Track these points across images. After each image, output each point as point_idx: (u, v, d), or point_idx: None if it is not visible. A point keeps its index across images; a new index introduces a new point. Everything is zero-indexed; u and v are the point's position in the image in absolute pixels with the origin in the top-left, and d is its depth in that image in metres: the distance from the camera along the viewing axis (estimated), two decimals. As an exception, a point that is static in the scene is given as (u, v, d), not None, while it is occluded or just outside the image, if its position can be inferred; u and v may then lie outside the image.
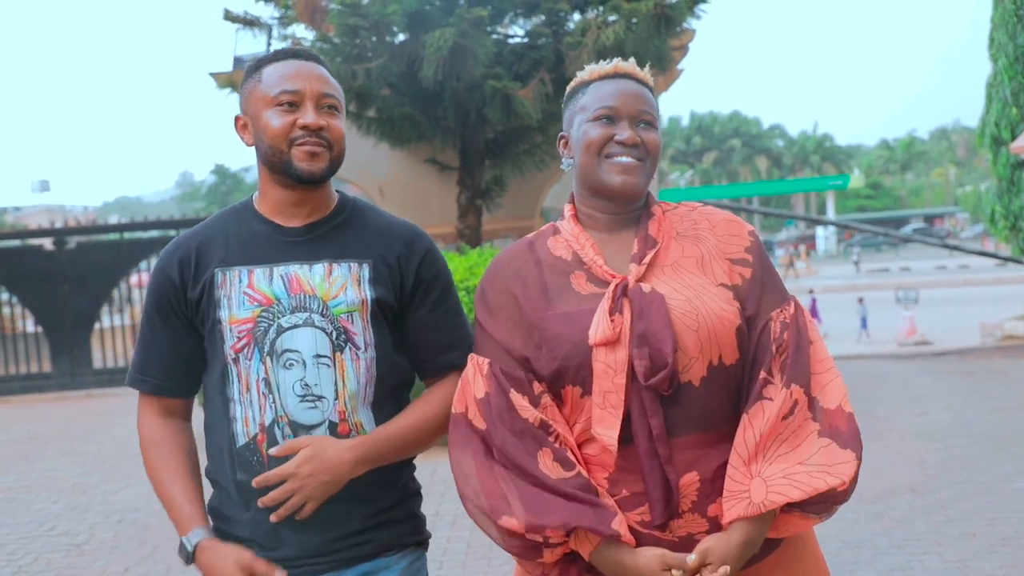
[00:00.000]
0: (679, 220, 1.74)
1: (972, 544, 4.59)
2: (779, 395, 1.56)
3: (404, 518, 1.82)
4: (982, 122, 14.32)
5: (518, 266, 1.72)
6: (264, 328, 1.68)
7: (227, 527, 1.73)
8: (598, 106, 1.68)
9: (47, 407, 11.85)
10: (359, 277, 1.73)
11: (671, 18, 8.68)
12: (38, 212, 59.05)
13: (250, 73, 1.77)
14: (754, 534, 1.54)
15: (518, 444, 1.58)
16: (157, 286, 1.76)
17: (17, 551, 5.38)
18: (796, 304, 1.67)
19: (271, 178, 1.75)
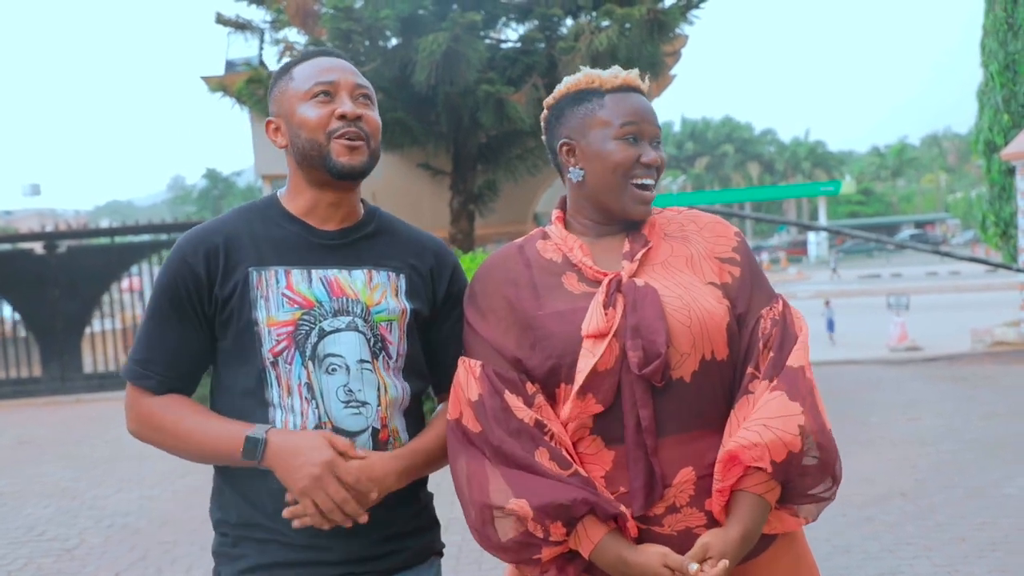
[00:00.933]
0: (667, 223, 1.78)
1: (962, 548, 4.60)
2: (760, 387, 1.60)
3: (430, 525, 1.82)
4: (976, 128, 14.41)
5: (509, 268, 1.73)
6: (306, 331, 1.64)
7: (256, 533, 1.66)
8: (624, 122, 1.66)
9: (37, 412, 11.80)
10: (397, 287, 1.73)
11: (664, 23, 8.70)
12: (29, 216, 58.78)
13: (280, 75, 1.74)
14: (751, 527, 1.55)
15: (516, 444, 1.58)
16: (175, 277, 1.66)
17: (7, 556, 5.35)
18: (784, 302, 1.71)
19: (307, 177, 1.71)
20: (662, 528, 1.58)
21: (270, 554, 1.65)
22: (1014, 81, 13.56)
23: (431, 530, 1.82)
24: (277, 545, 1.65)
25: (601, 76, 1.71)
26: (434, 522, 1.84)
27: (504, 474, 1.58)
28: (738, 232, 1.77)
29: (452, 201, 10.45)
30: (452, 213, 10.43)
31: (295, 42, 9.63)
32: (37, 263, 13.13)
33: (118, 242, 13.79)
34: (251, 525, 1.67)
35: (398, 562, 1.72)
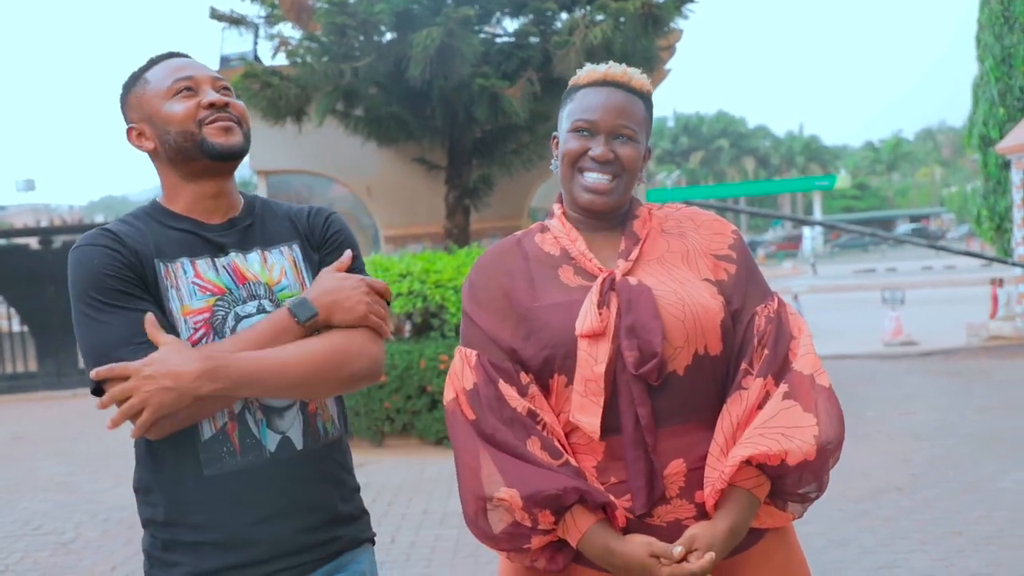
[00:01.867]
0: (665, 219, 1.80)
1: (957, 542, 4.62)
2: (754, 384, 1.61)
3: (360, 513, 1.82)
4: (969, 122, 14.43)
5: (506, 260, 1.76)
6: (222, 316, 1.64)
7: (187, 536, 1.64)
8: (577, 117, 1.71)
9: (33, 407, 11.79)
10: (293, 259, 1.75)
11: (658, 18, 8.69)
12: (23, 211, 58.57)
13: (131, 83, 1.73)
14: (739, 521, 1.57)
15: (508, 432, 1.60)
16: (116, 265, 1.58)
17: (4, 549, 5.35)
18: (779, 300, 1.72)
19: (184, 172, 1.70)
20: (652, 519, 1.60)
21: (205, 559, 1.63)
22: (1009, 75, 13.58)
23: (361, 518, 1.81)
24: (209, 547, 1.63)
25: (587, 72, 1.74)
26: (364, 511, 1.83)
27: (496, 461, 1.59)
28: (735, 230, 1.78)
29: (447, 196, 10.44)
30: (447, 208, 10.42)
31: (290, 37, 9.59)
32: (32, 258, 13.11)
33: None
34: (178, 524, 1.64)
35: (331, 551, 1.71)
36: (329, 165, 12.42)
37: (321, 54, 9.04)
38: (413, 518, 5.50)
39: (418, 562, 4.71)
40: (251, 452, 1.63)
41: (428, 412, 7.26)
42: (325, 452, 1.73)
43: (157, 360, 1.50)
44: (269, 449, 1.65)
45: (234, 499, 1.62)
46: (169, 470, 1.64)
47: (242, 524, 1.63)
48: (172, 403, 1.50)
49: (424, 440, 7.40)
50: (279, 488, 1.65)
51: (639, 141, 1.71)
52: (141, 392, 1.48)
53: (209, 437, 1.61)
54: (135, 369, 1.49)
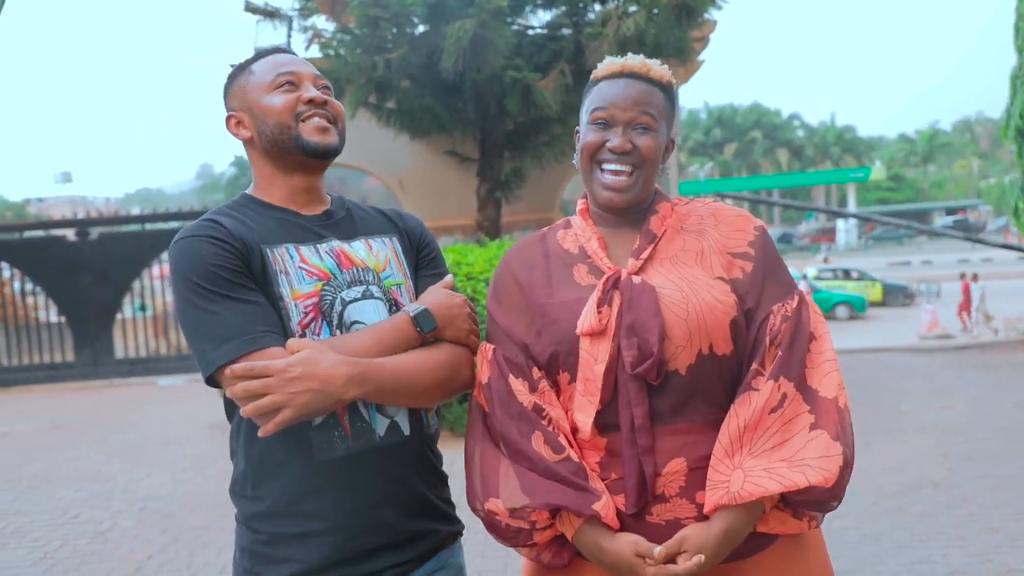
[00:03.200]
0: (687, 215, 1.75)
1: (995, 538, 4.56)
2: (765, 386, 1.56)
3: (452, 506, 1.84)
4: (1006, 113, 14.17)
5: (527, 256, 1.77)
6: (330, 301, 1.66)
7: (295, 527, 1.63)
8: (594, 107, 1.69)
9: (70, 396, 11.98)
10: (395, 250, 1.79)
11: (692, 8, 8.63)
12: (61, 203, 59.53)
13: (237, 73, 1.77)
14: (735, 526, 1.54)
15: (513, 426, 1.63)
16: (224, 255, 1.59)
17: (42, 538, 5.44)
18: (801, 298, 1.65)
19: (277, 165, 1.73)
20: (651, 516, 1.59)
21: (314, 552, 1.63)
22: (1050, 65, 13.32)
23: (454, 512, 1.83)
24: (318, 537, 1.63)
25: (605, 65, 1.73)
26: (453, 503, 1.85)
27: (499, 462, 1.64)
28: (759, 226, 1.73)
29: (479, 188, 10.45)
30: (479, 200, 10.44)
31: (323, 29, 9.64)
32: (69, 250, 13.31)
33: (148, 229, 13.95)
34: (286, 515, 1.64)
35: (430, 546, 1.73)
36: (362, 158, 12.48)
37: (354, 46, 9.08)
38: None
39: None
40: (362, 436, 1.65)
41: (459, 404, 7.28)
42: (426, 441, 1.76)
43: (304, 361, 1.51)
44: (379, 433, 1.66)
45: (344, 484, 1.64)
46: (279, 458, 1.63)
47: (350, 510, 1.64)
48: (316, 405, 1.52)
49: (455, 432, 7.41)
50: (387, 473, 1.67)
51: (659, 131, 1.68)
52: (286, 392, 1.49)
53: (320, 422, 1.62)
54: (279, 369, 1.49)
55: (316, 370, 1.50)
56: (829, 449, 1.53)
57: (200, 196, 71.55)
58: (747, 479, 1.52)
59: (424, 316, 1.68)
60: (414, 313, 1.67)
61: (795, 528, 1.60)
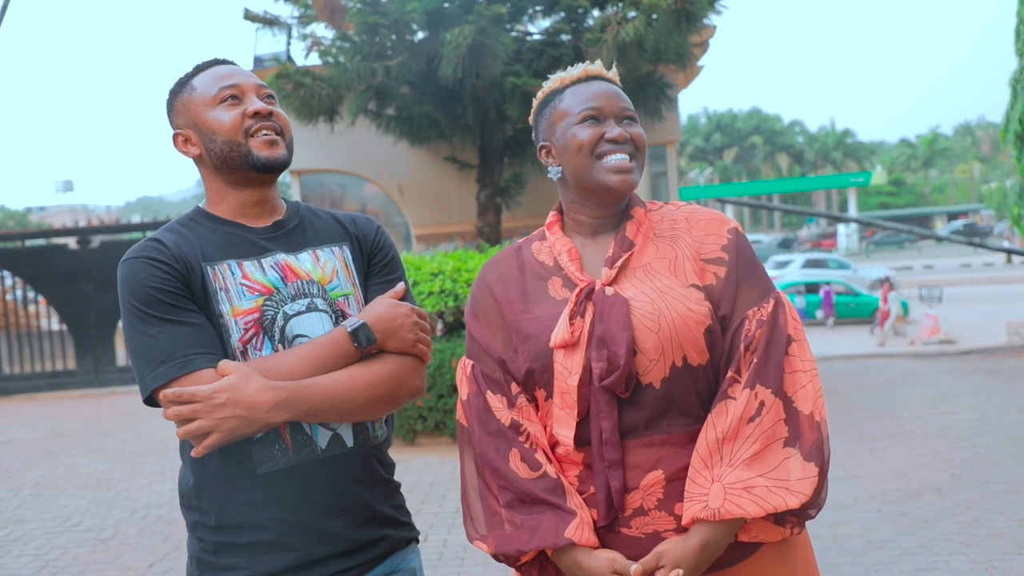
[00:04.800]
0: (660, 221, 1.73)
1: (998, 544, 4.54)
2: (742, 395, 1.54)
3: (406, 513, 1.85)
4: (1006, 118, 14.18)
5: (503, 270, 1.76)
6: (271, 316, 1.66)
7: (241, 537, 1.65)
8: (582, 108, 1.68)
9: (72, 404, 11.97)
10: (344, 260, 1.77)
11: (691, 14, 8.62)
12: (62, 212, 59.66)
13: (178, 90, 1.76)
14: (714, 538, 1.53)
15: (491, 444, 1.64)
16: (162, 277, 1.60)
17: (44, 546, 5.43)
18: (778, 301, 1.62)
19: (229, 180, 1.73)
20: (630, 530, 1.58)
21: (261, 561, 1.64)
22: (1050, 69, 13.32)
23: (407, 518, 1.84)
24: (264, 548, 1.64)
25: (561, 75, 1.74)
26: (407, 510, 1.86)
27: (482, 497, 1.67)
28: (733, 228, 1.69)
29: (479, 194, 10.44)
30: (479, 206, 10.43)
31: (322, 37, 9.65)
32: (71, 258, 13.32)
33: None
34: (231, 527, 1.65)
35: (382, 550, 1.74)
36: (361, 164, 12.48)
37: (353, 54, 9.08)
38: (446, 517, 5.51)
39: (451, 561, 4.71)
40: (303, 449, 1.65)
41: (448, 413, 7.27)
42: (373, 452, 1.75)
43: (229, 388, 1.53)
44: (320, 446, 1.66)
45: (287, 497, 1.64)
46: (220, 471, 1.65)
47: (296, 521, 1.64)
48: (242, 430, 1.54)
49: (456, 439, 7.40)
50: (330, 485, 1.67)
51: (638, 123, 1.71)
52: (212, 417, 1.52)
53: (260, 436, 1.63)
54: (205, 395, 1.52)
55: (240, 396, 1.53)
56: (805, 470, 1.52)
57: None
58: (727, 497, 1.50)
59: (362, 330, 1.66)
60: (351, 328, 1.66)
61: (778, 535, 1.58)
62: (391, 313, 1.70)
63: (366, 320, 1.67)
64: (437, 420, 7.36)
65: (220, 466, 1.64)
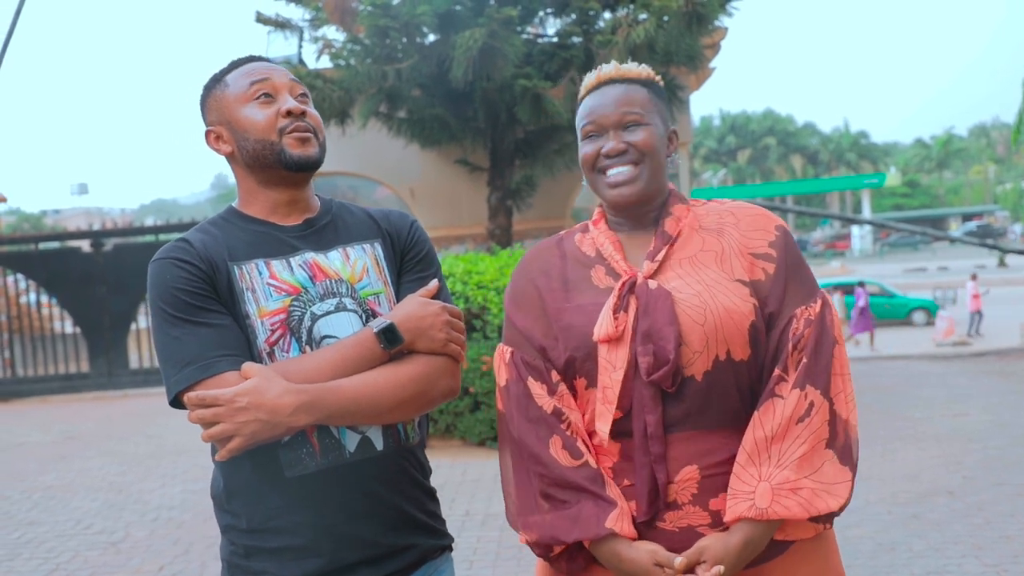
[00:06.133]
0: (706, 215, 1.72)
1: (1010, 547, 4.50)
2: (791, 395, 1.54)
3: (440, 520, 1.81)
4: (1018, 118, 14.10)
5: (544, 260, 1.77)
6: (298, 317, 1.64)
7: (271, 542, 1.63)
8: (582, 123, 1.71)
9: (85, 407, 12.03)
10: (375, 257, 1.75)
11: (703, 16, 8.61)
12: (77, 214, 59.98)
13: (212, 85, 1.75)
14: (756, 536, 1.53)
15: (531, 431, 1.63)
16: (187, 278, 1.59)
17: (55, 548, 5.45)
18: (824, 301, 1.62)
19: (261, 179, 1.72)
20: (664, 523, 1.58)
21: (289, 566, 1.63)
22: (1064, 69, 13.23)
23: (441, 525, 1.80)
24: (293, 553, 1.63)
25: (586, 82, 1.76)
26: (441, 517, 1.82)
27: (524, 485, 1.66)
28: (780, 226, 1.69)
29: (490, 197, 10.45)
30: (490, 209, 10.44)
31: (334, 39, 9.69)
32: (85, 261, 13.39)
33: (163, 240, 14.00)
34: (261, 530, 1.64)
35: (413, 558, 1.71)
36: (373, 167, 12.52)
37: (364, 56, 9.11)
38: (455, 520, 5.50)
39: (460, 564, 4.70)
40: (331, 452, 1.62)
41: (471, 414, 7.27)
42: (405, 455, 1.72)
43: (250, 391, 1.51)
44: (349, 449, 1.64)
45: (316, 501, 1.62)
46: (249, 474, 1.63)
47: (325, 526, 1.62)
48: (265, 434, 1.53)
49: (467, 441, 7.41)
50: (359, 489, 1.64)
51: (651, 123, 1.68)
52: (234, 421, 1.51)
53: (288, 439, 1.61)
54: (227, 399, 1.51)
55: (262, 400, 1.51)
56: (841, 473, 1.55)
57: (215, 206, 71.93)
58: (775, 498, 1.51)
59: (389, 331, 1.63)
60: (378, 329, 1.62)
61: (811, 532, 1.59)
62: (421, 312, 1.67)
63: (394, 320, 1.64)
64: (448, 423, 7.36)
65: (249, 469, 1.62)
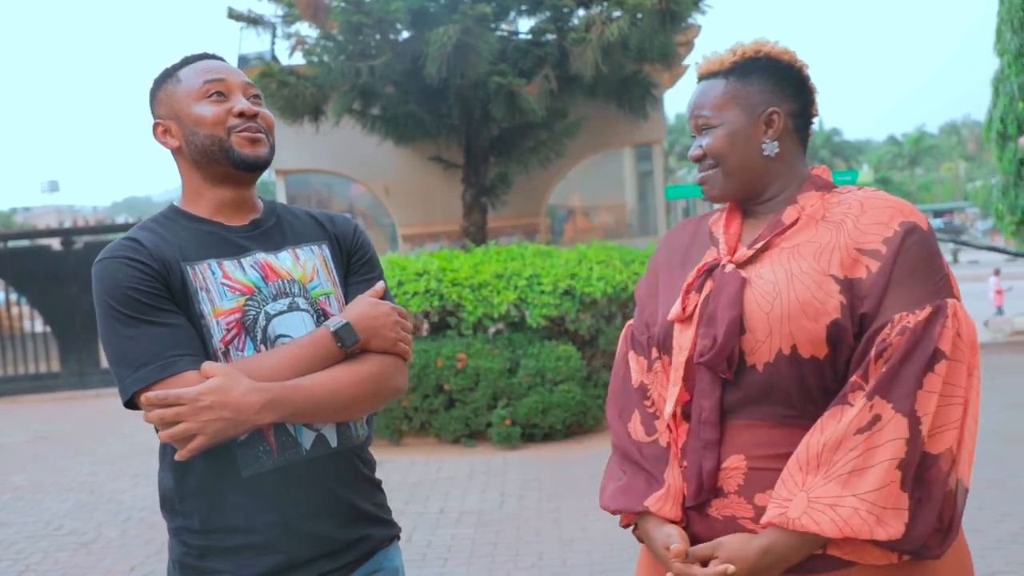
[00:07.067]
0: (836, 204, 1.59)
1: (979, 541, 4.56)
2: (859, 403, 1.42)
3: (388, 511, 1.84)
4: (988, 117, 14.28)
5: (676, 235, 1.80)
6: (253, 316, 1.64)
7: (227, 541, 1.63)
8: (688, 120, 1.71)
9: (56, 407, 11.90)
10: (323, 258, 1.76)
11: (676, 13, 8.66)
12: (47, 212, 59.29)
13: (164, 79, 1.73)
14: (781, 546, 1.44)
15: (617, 403, 1.72)
16: (140, 278, 1.57)
17: (25, 550, 5.40)
18: (938, 310, 1.44)
19: (206, 176, 1.70)
20: (711, 510, 1.56)
21: (247, 564, 1.63)
22: (1031, 68, 13.42)
23: (389, 516, 1.84)
24: (251, 551, 1.63)
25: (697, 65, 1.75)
26: (389, 508, 1.86)
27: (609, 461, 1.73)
28: (908, 223, 1.50)
29: (464, 194, 10.45)
30: (464, 206, 10.44)
31: (306, 36, 9.64)
32: (54, 259, 13.24)
33: (135, 238, 13.88)
34: (216, 530, 1.63)
35: (367, 549, 1.74)
36: (347, 164, 12.47)
37: (338, 53, 9.08)
38: (430, 517, 5.51)
39: (434, 561, 4.71)
40: (288, 450, 1.63)
41: (445, 411, 7.26)
42: (355, 451, 1.75)
43: (215, 390, 1.51)
44: (305, 447, 1.65)
45: (273, 499, 1.62)
46: (204, 474, 1.62)
47: (282, 523, 1.63)
48: (229, 432, 1.53)
49: (441, 439, 7.40)
50: (315, 486, 1.66)
51: (723, 123, 1.61)
52: (198, 420, 1.50)
53: (244, 438, 1.61)
54: (191, 398, 1.50)
55: (227, 398, 1.51)
56: (896, 501, 1.38)
57: (188, 204, 71.14)
58: (809, 508, 1.40)
59: (345, 330, 1.65)
60: (335, 328, 1.64)
61: (878, 559, 1.42)
62: (373, 312, 1.69)
63: (349, 320, 1.66)
64: (423, 420, 7.35)
65: (204, 469, 1.61)
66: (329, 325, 1.65)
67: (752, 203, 1.66)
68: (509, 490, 6.00)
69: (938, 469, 1.40)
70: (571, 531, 4.97)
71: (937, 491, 1.40)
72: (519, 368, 7.16)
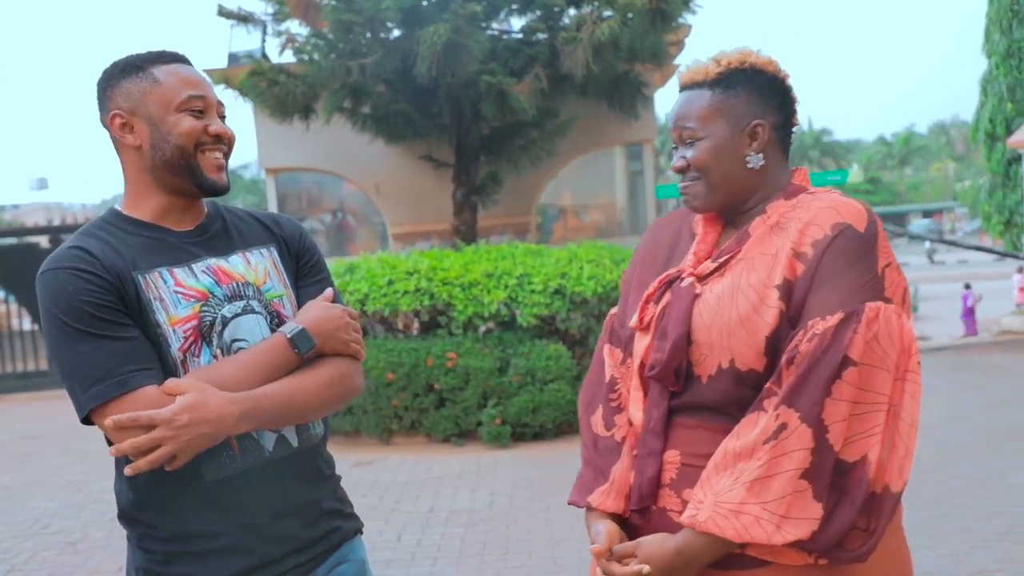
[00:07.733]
0: (792, 208, 1.57)
1: (967, 539, 4.58)
2: (771, 411, 1.43)
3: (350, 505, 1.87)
4: (976, 117, 14.36)
5: (661, 230, 1.80)
6: (209, 322, 1.62)
7: (193, 546, 1.62)
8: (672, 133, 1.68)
9: (44, 405, 11.83)
10: (273, 261, 1.77)
11: (666, 13, 8.67)
12: (36, 210, 58.92)
13: (130, 72, 1.66)
14: (694, 547, 1.47)
15: (590, 396, 1.74)
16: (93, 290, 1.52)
17: (11, 549, 5.37)
18: (849, 317, 1.41)
19: (158, 180, 1.66)
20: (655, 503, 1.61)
21: (214, 567, 1.62)
22: (1019, 69, 13.49)
23: (351, 510, 1.87)
24: (218, 554, 1.62)
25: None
26: (350, 502, 1.88)
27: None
28: (842, 224, 1.48)
29: (455, 193, 10.44)
30: (455, 205, 10.43)
31: (297, 34, 9.62)
32: (42, 257, 12.94)
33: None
34: (181, 537, 1.62)
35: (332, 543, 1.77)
36: (337, 163, 12.45)
37: (328, 51, 9.06)
38: (419, 516, 5.50)
39: (423, 560, 4.70)
40: (251, 454, 1.64)
41: (435, 410, 7.26)
42: (315, 449, 1.77)
43: (191, 407, 1.49)
44: (267, 448, 1.66)
45: (238, 502, 1.62)
46: (166, 483, 1.59)
47: (249, 525, 1.63)
48: (206, 445, 1.53)
49: (431, 438, 7.39)
50: (280, 486, 1.67)
51: (707, 136, 1.59)
52: (179, 441, 1.48)
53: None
54: (165, 419, 1.47)
55: (206, 414, 1.49)
56: (810, 510, 1.39)
57: (178, 202, 70.76)
58: (714, 512, 1.43)
59: (301, 336, 1.65)
60: (290, 334, 1.64)
61: (794, 559, 1.44)
62: (326, 316, 1.71)
63: (304, 325, 1.67)
64: (413, 419, 7.34)
65: (165, 478, 1.56)
66: (285, 331, 1.65)
67: (733, 212, 1.65)
68: (499, 489, 6.00)
69: (857, 475, 1.41)
70: (561, 530, 4.97)
71: (857, 495, 1.40)
72: (509, 367, 7.16)
